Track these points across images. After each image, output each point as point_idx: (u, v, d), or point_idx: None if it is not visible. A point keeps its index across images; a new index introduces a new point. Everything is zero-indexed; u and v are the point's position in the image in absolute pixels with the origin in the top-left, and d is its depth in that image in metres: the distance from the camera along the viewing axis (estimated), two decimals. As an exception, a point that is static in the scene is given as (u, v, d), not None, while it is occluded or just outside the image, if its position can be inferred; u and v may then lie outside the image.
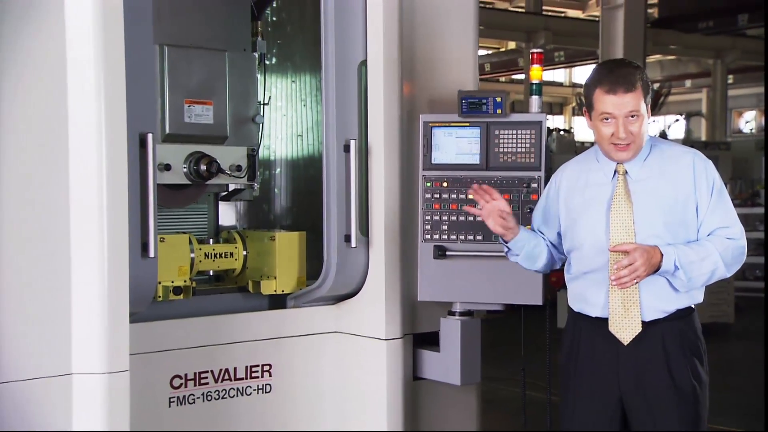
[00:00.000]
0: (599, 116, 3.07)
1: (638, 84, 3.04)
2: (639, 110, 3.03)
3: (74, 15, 3.19)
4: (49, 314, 3.20)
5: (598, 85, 3.08)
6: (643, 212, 3.05)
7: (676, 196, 3.07)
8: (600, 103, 3.06)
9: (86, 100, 3.21)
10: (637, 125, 3.04)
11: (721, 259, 3.01)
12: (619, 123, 3.03)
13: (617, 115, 3.03)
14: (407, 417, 4.19)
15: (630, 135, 3.03)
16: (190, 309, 4.03)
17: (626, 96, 3.02)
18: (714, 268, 3.00)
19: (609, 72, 3.12)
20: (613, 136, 3.05)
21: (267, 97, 4.73)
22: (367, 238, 4.15)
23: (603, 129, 3.07)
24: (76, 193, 3.22)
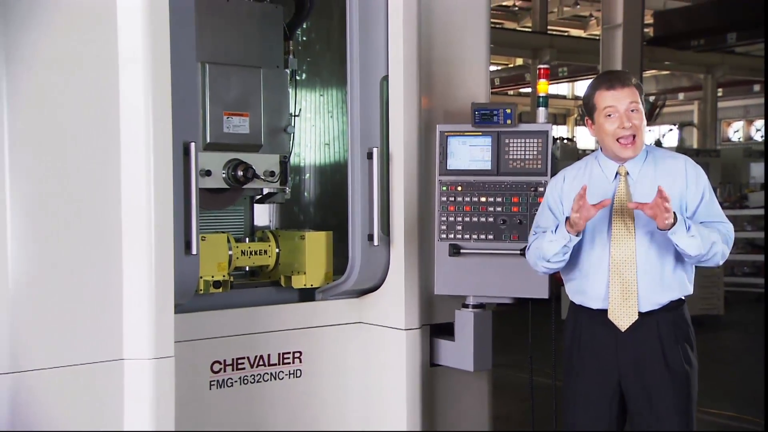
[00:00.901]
0: (603, 113, 3.07)
1: (633, 82, 3.08)
2: (638, 104, 3.05)
3: (126, 36, 3.22)
4: (102, 305, 3.22)
5: (597, 87, 3.10)
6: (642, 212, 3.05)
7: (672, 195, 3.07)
8: (602, 100, 3.06)
9: (136, 112, 3.24)
10: (638, 119, 3.05)
11: (720, 239, 3.01)
12: (622, 115, 3.03)
13: (619, 107, 3.04)
14: (425, 400, 4.19)
15: (633, 126, 3.03)
16: (228, 301, 4.04)
17: (624, 90, 3.04)
18: (715, 241, 2.99)
19: (605, 74, 3.19)
20: (618, 128, 3.04)
21: (298, 109, 4.74)
22: (388, 237, 4.15)
23: (607, 125, 3.06)
24: (127, 196, 3.25)
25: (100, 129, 3.22)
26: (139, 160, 3.24)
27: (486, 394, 4.47)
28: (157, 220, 3.25)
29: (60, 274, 3.15)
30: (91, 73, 3.20)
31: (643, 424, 3.07)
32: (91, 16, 3.19)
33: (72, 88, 3.17)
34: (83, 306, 3.19)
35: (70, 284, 3.17)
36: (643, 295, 3.03)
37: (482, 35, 4.45)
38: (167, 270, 3.28)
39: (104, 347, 3.22)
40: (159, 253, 3.25)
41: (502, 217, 3.86)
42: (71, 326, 3.17)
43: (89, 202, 3.20)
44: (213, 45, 4.15)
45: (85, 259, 3.19)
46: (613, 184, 3.12)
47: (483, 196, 3.89)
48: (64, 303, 3.15)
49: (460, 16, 4.34)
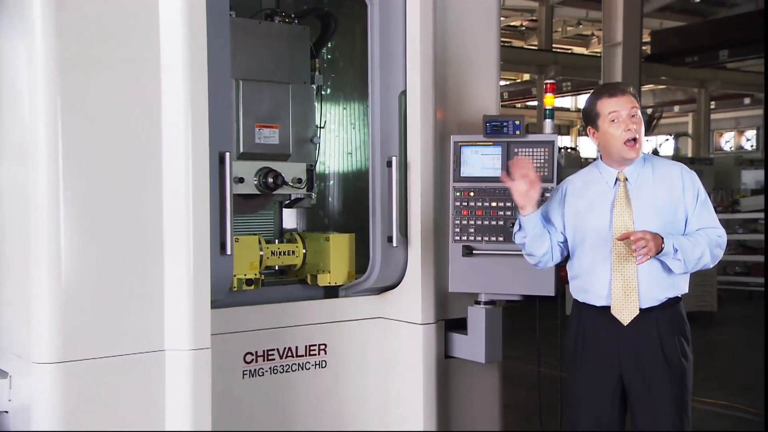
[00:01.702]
0: (607, 118, 3.07)
1: (631, 91, 3.09)
2: (637, 110, 3.06)
3: (168, 55, 3.26)
4: (145, 301, 3.25)
5: (600, 96, 3.11)
6: (640, 213, 3.05)
7: (668, 199, 3.07)
8: (605, 107, 3.07)
9: (177, 125, 3.26)
10: (638, 123, 3.07)
11: (707, 248, 3.01)
12: (625, 119, 3.04)
13: (622, 112, 3.05)
14: (440, 389, 4.18)
15: (636, 130, 3.04)
16: (259, 298, 4.04)
17: (625, 96, 3.07)
18: (701, 255, 3.01)
19: (605, 85, 3.20)
20: (624, 132, 3.04)
21: (323, 121, 4.75)
22: (406, 239, 4.15)
23: (612, 130, 3.07)
24: (168, 201, 3.27)
25: (144, 140, 3.25)
26: (179, 169, 3.26)
27: (497, 384, 4.46)
28: (195, 223, 3.27)
29: (107, 272, 3.17)
30: (137, 89, 3.23)
31: (642, 412, 3.06)
32: (136, 38, 3.22)
33: (120, 103, 3.20)
34: (128, 301, 3.21)
35: (117, 281, 3.19)
36: (643, 292, 3.02)
37: (493, 53, 4.44)
38: (204, 269, 3.30)
39: (147, 339, 3.24)
40: (197, 253, 3.27)
41: (512, 221, 3.83)
42: (117, 320, 3.19)
43: (134, 206, 3.23)
44: (246, 63, 4.17)
45: (130, 259, 3.21)
46: (613, 189, 3.12)
47: (494, 201, 3.89)
48: (111, 299, 3.18)
49: (473, 35, 4.34)
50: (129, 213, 3.22)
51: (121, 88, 3.20)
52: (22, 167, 3.19)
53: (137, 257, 3.23)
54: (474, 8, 4.34)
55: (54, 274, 3.08)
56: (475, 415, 4.39)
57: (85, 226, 3.13)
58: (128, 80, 3.21)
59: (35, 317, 3.10)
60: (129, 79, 3.21)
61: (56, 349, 3.08)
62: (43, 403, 3.10)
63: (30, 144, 3.11)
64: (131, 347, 3.21)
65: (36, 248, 3.10)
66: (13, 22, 3.25)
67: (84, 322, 3.12)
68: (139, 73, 3.23)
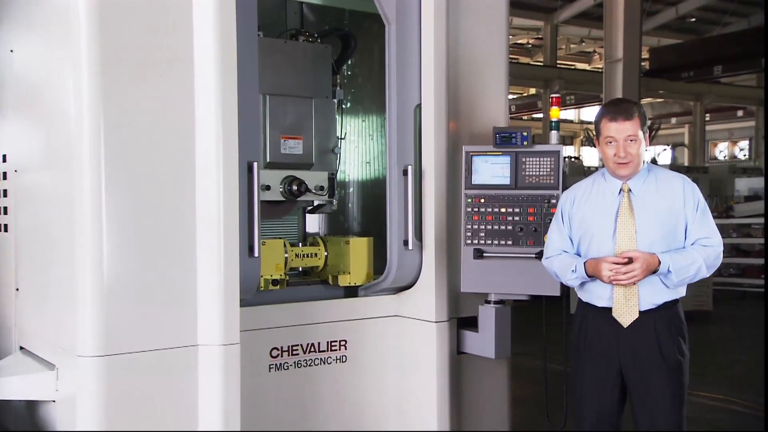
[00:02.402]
0: (605, 140, 3.07)
1: (636, 115, 3.04)
2: (636, 135, 3.02)
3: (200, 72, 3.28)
4: (180, 300, 3.26)
5: (604, 115, 3.08)
6: (643, 223, 3.02)
7: (670, 210, 3.04)
8: (605, 129, 3.06)
9: (209, 136, 3.28)
10: (634, 147, 3.02)
11: (703, 263, 2.98)
12: (619, 145, 3.02)
13: (618, 138, 3.02)
14: (452, 383, 4.17)
15: (628, 155, 3.02)
16: (284, 297, 4.05)
17: (626, 123, 3.01)
18: (697, 272, 2.99)
19: (613, 105, 3.14)
20: (615, 156, 3.04)
21: (343, 132, 4.78)
22: (420, 243, 4.14)
23: (607, 150, 3.07)
24: (201, 207, 3.29)
25: (179, 150, 3.27)
26: (210, 176, 3.28)
27: (506, 378, 4.44)
28: (225, 227, 3.29)
29: (145, 273, 3.20)
30: (173, 103, 3.26)
31: (640, 404, 3.04)
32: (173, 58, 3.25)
33: (158, 116, 3.23)
34: (164, 299, 3.23)
35: (154, 281, 3.21)
36: (643, 297, 3.01)
37: (501, 69, 4.43)
38: (234, 270, 3.31)
39: (182, 335, 3.26)
40: (227, 255, 3.29)
41: (520, 225, 3.84)
42: (154, 317, 3.21)
43: (169, 211, 3.24)
44: (272, 79, 4.19)
45: (165, 260, 3.23)
46: (617, 199, 3.10)
47: (503, 207, 3.88)
48: (149, 297, 3.20)
49: (483, 52, 4.33)
50: (165, 217, 3.23)
51: (159, 102, 3.23)
52: (67, 174, 3.23)
53: (172, 259, 3.24)
54: (484, 27, 4.34)
55: (97, 274, 3.11)
56: (486, 408, 4.37)
57: (125, 230, 3.16)
58: (165, 95, 3.24)
59: (79, 314, 3.13)
60: (165, 94, 3.24)
61: (99, 343, 3.10)
62: (87, 393, 3.12)
63: (75, 153, 3.14)
64: (167, 342, 3.22)
65: (80, 250, 3.13)
66: (59, 37, 3.28)
67: (124, 319, 3.14)
68: (175, 90, 3.26)
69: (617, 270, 2.92)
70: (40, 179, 3.60)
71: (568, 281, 3.19)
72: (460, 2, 4.21)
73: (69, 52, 3.17)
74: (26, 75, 3.72)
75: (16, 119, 3.87)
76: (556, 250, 3.24)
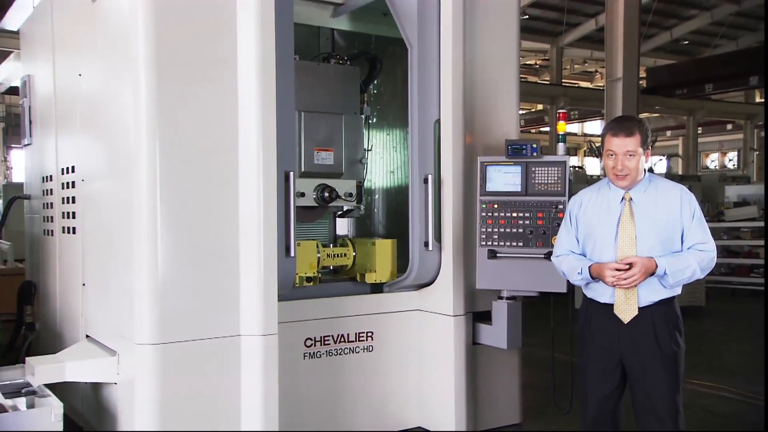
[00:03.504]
0: (606, 152, 3.04)
1: (637, 132, 2.99)
2: (636, 151, 2.98)
3: (244, 92, 3.30)
4: (225, 294, 3.28)
5: (608, 130, 3.05)
6: (642, 229, 2.98)
7: (668, 218, 2.99)
8: (607, 144, 3.03)
9: (250, 148, 3.30)
10: (632, 162, 2.98)
11: (698, 266, 2.94)
12: (618, 159, 2.98)
13: (618, 152, 2.98)
14: (468, 370, 4.15)
15: (625, 168, 2.98)
16: (317, 292, 4.06)
17: (626, 139, 2.97)
18: (692, 274, 2.94)
19: (617, 122, 3.10)
20: (614, 169, 3.01)
21: (370, 145, 4.79)
22: (439, 244, 4.12)
23: (608, 162, 3.04)
24: (244, 211, 3.31)
25: (224, 162, 3.29)
26: (252, 184, 3.30)
27: (517, 366, 4.41)
28: (265, 229, 3.30)
29: (194, 270, 3.22)
30: (218, 121, 3.28)
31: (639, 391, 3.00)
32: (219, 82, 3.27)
33: (206, 132, 3.26)
34: (211, 294, 3.25)
35: (202, 277, 3.23)
36: (641, 295, 2.97)
37: (513, 87, 4.41)
38: (272, 268, 3.32)
39: (226, 326, 3.28)
40: (266, 255, 3.30)
41: (530, 229, 3.81)
42: (202, 309, 3.23)
43: (215, 215, 3.27)
44: (307, 97, 4.21)
45: (212, 259, 3.25)
46: (619, 207, 3.07)
47: (514, 212, 3.85)
48: (197, 292, 3.22)
49: (496, 72, 4.31)
50: (211, 221, 3.25)
51: (206, 119, 3.25)
52: (127, 183, 3.26)
53: (218, 258, 3.26)
54: (497, 50, 4.31)
55: (152, 271, 3.13)
56: (499, 393, 4.34)
57: (177, 232, 3.18)
58: (212, 113, 3.26)
59: (137, 306, 3.16)
60: (212, 112, 3.26)
61: (154, 332, 3.13)
62: (144, 377, 3.16)
63: (133, 164, 3.18)
64: (214, 332, 3.24)
65: (138, 249, 3.16)
66: (120, 62, 3.33)
67: (176, 311, 3.17)
68: (221, 108, 3.28)
69: (618, 276, 2.90)
70: (103, 187, 3.65)
71: (574, 281, 3.16)
72: (476, 27, 4.20)
73: (128, 76, 3.21)
74: (91, 95, 3.78)
75: (83, 135, 3.93)
76: (564, 249, 3.22)
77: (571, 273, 3.13)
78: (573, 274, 3.12)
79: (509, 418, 4.39)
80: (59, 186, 4.34)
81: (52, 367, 3.32)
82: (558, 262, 3.24)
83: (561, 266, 3.21)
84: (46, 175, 4.63)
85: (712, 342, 7.43)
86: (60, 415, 2.90)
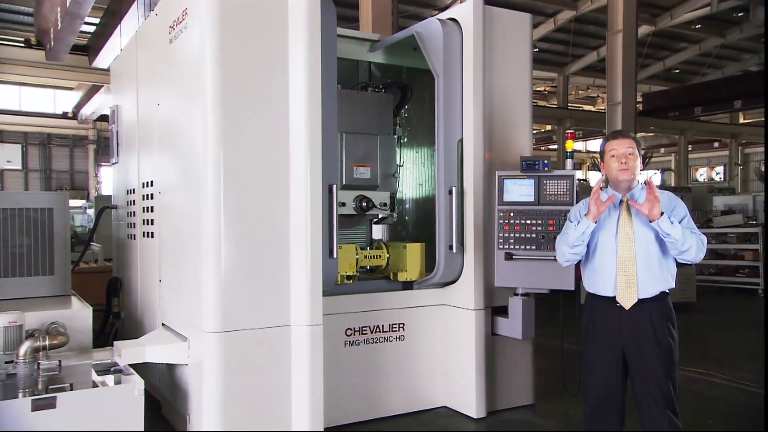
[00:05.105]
0: (609, 154, 2.96)
1: (632, 138, 2.96)
2: (634, 151, 2.92)
3: (294, 117, 3.30)
4: (277, 289, 3.27)
5: (607, 140, 3.01)
6: (639, 228, 2.91)
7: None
8: (609, 147, 2.97)
9: (300, 164, 3.30)
10: (632, 159, 2.92)
11: (695, 244, 2.81)
12: (621, 154, 2.92)
13: (620, 150, 2.91)
14: (487, 358, 4.09)
15: (629, 161, 2.91)
16: (356, 289, 4.05)
17: (625, 140, 2.93)
18: (692, 243, 2.79)
19: (614, 131, 3.05)
20: (618, 164, 2.92)
21: (401, 161, 4.77)
22: (462, 247, 4.08)
23: (612, 162, 2.95)
24: (294, 219, 3.30)
25: (277, 176, 3.29)
26: (300, 195, 3.29)
27: (530, 354, 4.33)
28: (312, 234, 3.29)
29: (252, 270, 3.22)
30: (273, 142, 3.28)
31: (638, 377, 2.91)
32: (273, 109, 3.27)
33: (262, 151, 3.26)
34: (266, 289, 3.25)
35: (258, 276, 3.23)
36: (641, 285, 2.88)
37: (526, 110, 4.34)
38: (318, 267, 3.31)
39: (279, 317, 3.27)
40: (313, 256, 3.29)
41: (542, 234, 3.73)
42: (259, 302, 3.23)
43: (270, 222, 3.27)
44: (347, 120, 4.21)
45: (267, 258, 3.25)
46: (618, 208, 2.99)
47: (528, 219, 3.77)
48: (255, 287, 3.22)
49: (511, 98, 4.25)
50: (266, 227, 3.26)
51: (263, 141, 3.26)
52: (196, 195, 3.29)
53: (272, 258, 3.26)
54: (513, 79, 4.25)
55: (216, 269, 3.15)
56: (514, 377, 4.26)
57: (237, 237, 3.19)
58: (267, 136, 3.27)
59: (204, 299, 3.17)
60: (267, 135, 3.27)
61: (218, 322, 3.14)
62: (211, 360, 3.17)
63: (202, 180, 3.20)
64: (268, 322, 3.24)
65: (205, 251, 3.17)
66: (191, 93, 3.36)
67: (236, 304, 3.17)
68: (275, 131, 3.28)
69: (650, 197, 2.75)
70: (176, 198, 3.68)
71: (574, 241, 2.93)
72: (495, 60, 4.15)
73: (198, 105, 3.23)
74: (167, 121, 3.83)
75: (160, 154, 3.98)
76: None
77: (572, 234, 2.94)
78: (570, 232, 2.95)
79: (523, 400, 4.31)
80: (140, 197, 4.41)
81: (134, 350, 3.36)
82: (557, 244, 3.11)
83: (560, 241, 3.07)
84: (130, 188, 4.71)
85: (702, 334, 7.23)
86: (141, 390, 2.92)
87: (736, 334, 7.19)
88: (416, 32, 4.20)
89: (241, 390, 3.17)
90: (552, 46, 20.65)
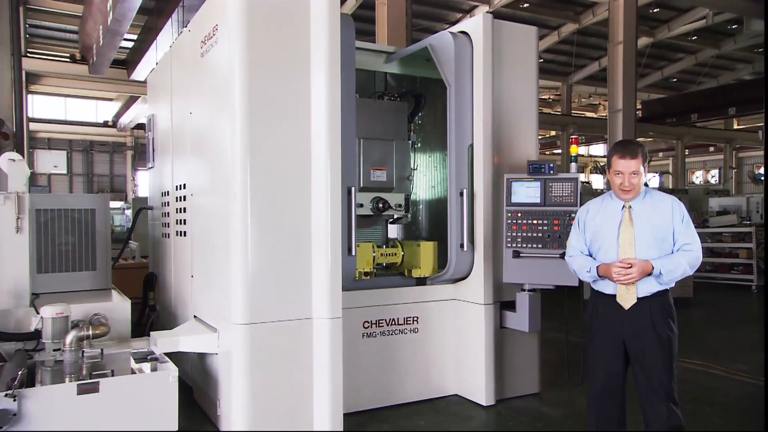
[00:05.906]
0: (614, 171, 2.89)
1: (639, 154, 2.87)
2: (638, 171, 2.85)
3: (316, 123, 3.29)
4: (300, 284, 3.27)
5: (615, 152, 2.91)
6: (640, 232, 2.85)
7: (661, 222, 2.85)
8: (615, 164, 2.89)
9: (320, 168, 3.29)
10: (636, 179, 2.85)
11: (687, 265, 2.79)
12: (625, 177, 2.85)
13: (624, 172, 2.84)
14: (496, 349, 4.04)
15: (631, 184, 2.84)
16: (373, 284, 4.03)
17: (631, 161, 2.83)
18: (683, 272, 2.80)
19: (622, 145, 2.95)
20: (621, 184, 2.87)
21: (415, 165, 4.74)
22: (473, 246, 4.04)
23: (615, 179, 2.89)
24: (315, 219, 3.29)
25: (299, 179, 3.28)
26: (321, 197, 3.28)
27: (536, 347, 4.27)
28: (332, 233, 3.28)
29: (277, 265, 3.22)
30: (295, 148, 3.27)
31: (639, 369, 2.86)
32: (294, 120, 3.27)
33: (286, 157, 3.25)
34: (290, 284, 3.24)
35: (283, 272, 3.23)
36: (640, 286, 2.83)
37: (532, 117, 4.28)
38: (338, 264, 3.30)
39: (301, 310, 3.26)
40: (333, 254, 3.28)
41: (548, 233, 3.68)
42: (283, 297, 3.22)
43: (293, 222, 3.26)
44: (365, 127, 4.20)
45: (291, 256, 3.25)
46: (620, 213, 2.94)
47: (535, 219, 3.73)
48: (280, 282, 3.22)
49: (519, 106, 4.20)
50: (290, 226, 3.25)
51: (286, 146, 3.26)
52: (225, 197, 3.29)
53: (295, 255, 3.26)
54: (520, 88, 4.20)
55: (244, 266, 3.15)
56: (521, 368, 4.21)
57: (263, 236, 3.19)
58: (290, 141, 3.27)
59: (233, 293, 3.18)
60: (290, 141, 3.27)
61: (246, 314, 3.14)
62: (238, 349, 3.17)
63: (230, 182, 3.20)
64: (292, 315, 3.24)
65: (233, 249, 3.18)
66: (221, 102, 3.37)
67: (263, 297, 3.17)
68: (297, 137, 3.28)
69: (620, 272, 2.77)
70: (207, 200, 3.70)
71: (583, 278, 3.03)
72: (503, 70, 4.11)
73: (227, 114, 3.24)
74: (199, 129, 3.84)
75: (192, 159, 4.00)
76: (575, 249, 3.09)
77: (581, 271, 3.01)
78: (583, 272, 2.99)
79: (530, 388, 4.26)
80: (174, 199, 4.43)
81: (169, 340, 3.39)
82: (570, 262, 3.11)
83: (573, 265, 3.08)
84: (165, 190, 4.74)
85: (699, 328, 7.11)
86: (175, 377, 2.94)
87: (732, 328, 7.08)
88: (429, 44, 4.17)
89: (267, 377, 3.18)
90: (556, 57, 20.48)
